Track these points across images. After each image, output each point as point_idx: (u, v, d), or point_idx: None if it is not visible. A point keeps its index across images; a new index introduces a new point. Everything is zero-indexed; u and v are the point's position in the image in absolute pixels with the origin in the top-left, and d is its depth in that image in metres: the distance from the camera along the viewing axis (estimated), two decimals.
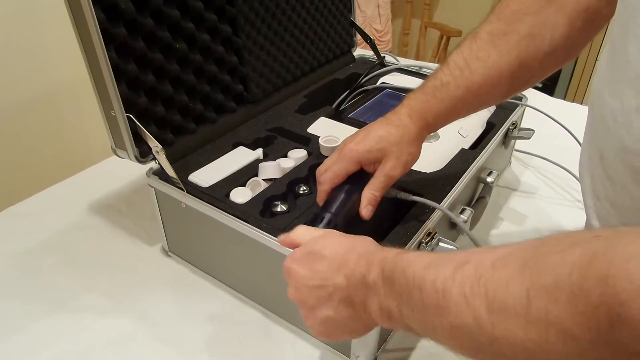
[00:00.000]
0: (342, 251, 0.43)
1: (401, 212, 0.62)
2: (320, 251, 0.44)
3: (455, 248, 0.58)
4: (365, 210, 0.55)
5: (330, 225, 0.52)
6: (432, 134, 0.76)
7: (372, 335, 0.57)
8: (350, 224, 0.56)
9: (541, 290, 0.27)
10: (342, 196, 0.56)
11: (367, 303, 0.40)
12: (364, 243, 0.44)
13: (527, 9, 0.52)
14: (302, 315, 0.46)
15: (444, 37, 2.27)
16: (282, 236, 0.49)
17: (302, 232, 0.48)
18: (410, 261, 0.37)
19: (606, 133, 0.43)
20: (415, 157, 0.57)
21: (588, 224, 0.53)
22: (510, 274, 0.29)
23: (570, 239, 0.28)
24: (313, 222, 0.53)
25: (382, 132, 0.55)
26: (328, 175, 0.56)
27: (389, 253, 0.40)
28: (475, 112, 0.59)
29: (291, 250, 0.47)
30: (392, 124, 0.56)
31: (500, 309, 0.29)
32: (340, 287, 0.41)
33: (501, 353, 0.30)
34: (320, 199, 0.57)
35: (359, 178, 0.57)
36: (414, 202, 0.62)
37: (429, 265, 0.35)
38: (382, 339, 0.60)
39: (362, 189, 0.56)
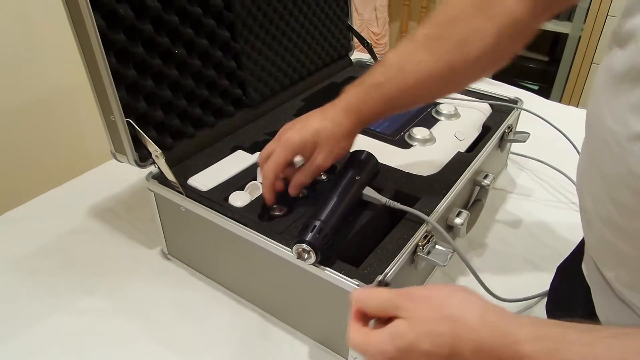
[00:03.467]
0: (447, 341, 0.37)
1: (397, 216, 0.62)
2: (417, 344, 0.37)
3: (450, 251, 0.59)
4: (294, 190, 0.60)
5: (321, 233, 0.53)
6: (429, 137, 0.77)
7: None
8: (339, 230, 0.57)
9: None
10: (331, 203, 0.57)
11: None
12: (465, 316, 0.37)
13: (461, 15, 0.53)
14: None
15: None
16: (356, 297, 0.44)
17: (373, 304, 0.42)
18: None
19: (610, 158, 0.42)
20: (346, 150, 0.61)
21: (593, 246, 0.51)
22: None
23: None
24: (304, 230, 0.54)
25: (318, 124, 0.58)
26: (270, 166, 0.59)
27: (524, 346, 0.33)
28: (410, 108, 0.61)
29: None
30: (328, 118, 0.58)
31: None
32: None
33: None
34: (268, 194, 0.60)
35: (346, 183, 0.59)
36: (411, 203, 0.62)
37: None
38: None
39: (349, 196, 0.58)
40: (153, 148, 0.64)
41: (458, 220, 0.66)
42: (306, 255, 0.53)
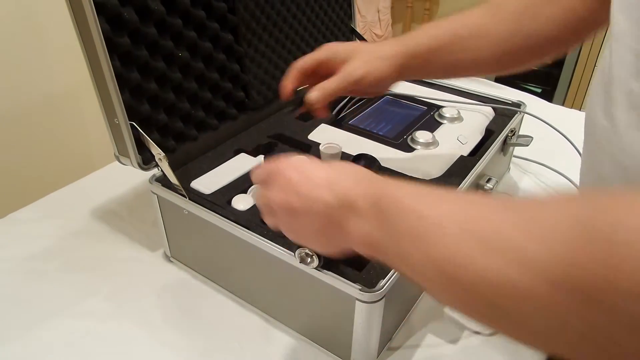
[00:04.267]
0: (333, 174, 0.43)
1: None
2: (313, 169, 0.44)
3: None
4: (317, 96, 0.61)
5: None
6: (431, 141, 0.77)
7: (373, 341, 0.57)
8: None
9: (537, 240, 0.27)
10: None
11: (350, 228, 0.40)
12: (349, 175, 0.43)
13: (533, 2, 0.57)
14: (275, 214, 0.46)
15: None
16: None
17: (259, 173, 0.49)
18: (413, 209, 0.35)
19: (605, 158, 0.42)
20: (381, 75, 0.59)
21: None
22: (507, 219, 0.30)
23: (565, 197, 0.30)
24: None
25: (361, 45, 0.61)
26: (299, 61, 0.63)
27: (358, 203, 0.39)
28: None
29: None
30: (373, 43, 0.62)
31: (494, 249, 0.29)
32: (328, 205, 0.41)
33: (480, 294, 0.30)
34: (290, 83, 0.63)
35: None
36: None
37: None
38: (382, 344, 0.61)
39: None
40: (156, 151, 0.64)
41: None
42: (309, 259, 0.53)
